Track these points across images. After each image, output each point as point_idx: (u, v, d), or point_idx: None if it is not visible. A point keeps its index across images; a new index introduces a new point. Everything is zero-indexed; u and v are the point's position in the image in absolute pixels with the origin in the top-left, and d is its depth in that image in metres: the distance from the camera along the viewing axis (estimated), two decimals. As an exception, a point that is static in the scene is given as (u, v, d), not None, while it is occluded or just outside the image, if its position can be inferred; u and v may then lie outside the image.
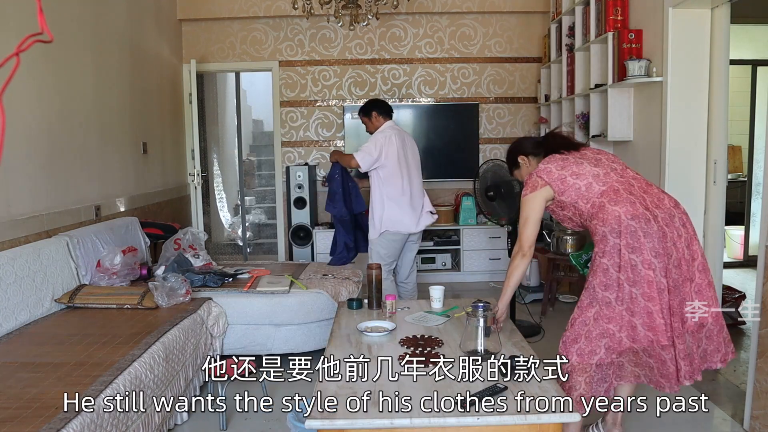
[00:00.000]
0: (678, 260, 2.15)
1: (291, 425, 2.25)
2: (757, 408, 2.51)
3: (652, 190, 2.25)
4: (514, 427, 1.71)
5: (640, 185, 2.24)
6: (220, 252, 6.83)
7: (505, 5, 5.53)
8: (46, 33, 0.86)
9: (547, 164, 2.32)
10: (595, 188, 2.21)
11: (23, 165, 3.09)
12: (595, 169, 2.25)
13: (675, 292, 2.14)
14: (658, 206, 2.18)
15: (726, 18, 3.20)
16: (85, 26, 3.79)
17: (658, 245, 2.10)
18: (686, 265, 2.17)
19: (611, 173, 2.24)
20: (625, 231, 2.10)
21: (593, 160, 2.30)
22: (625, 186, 2.20)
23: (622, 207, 2.13)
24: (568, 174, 2.26)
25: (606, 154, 2.38)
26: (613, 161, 2.33)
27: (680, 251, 2.15)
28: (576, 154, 2.34)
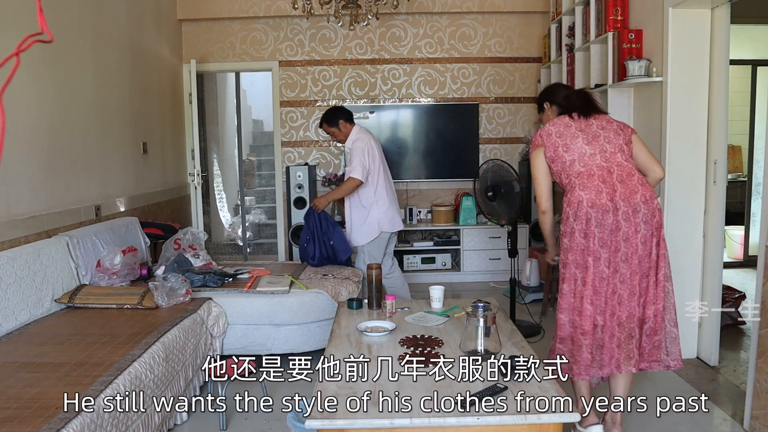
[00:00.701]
0: (628, 255, 2.25)
1: (291, 425, 2.25)
2: (757, 408, 2.51)
3: (630, 180, 2.30)
4: (514, 427, 1.71)
5: (620, 174, 2.31)
6: (220, 252, 6.83)
7: (505, 5, 5.53)
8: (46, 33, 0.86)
9: (551, 126, 2.44)
10: (576, 167, 2.35)
11: (23, 165, 3.09)
12: (584, 147, 2.35)
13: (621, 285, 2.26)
14: (626, 199, 2.25)
15: (726, 18, 3.20)
16: (85, 26, 3.79)
17: (607, 237, 2.24)
18: (638, 261, 2.26)
19: (598, 155, 2.34)
20: (582, 216, 2.27)
21: (591, 135, 2.38)
22: (603, 172, 2.30)
23: (587, 194, 2.27)
24: (561, 144, 2.39)
25: (609, 129, 2.41)
26: (609, 141, 2.37)
27: (633, 246, 2.25)
28: (583, 123, 2.42)
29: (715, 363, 3.35)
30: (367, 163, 3.80)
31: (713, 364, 3.34)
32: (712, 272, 3.37)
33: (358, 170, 3.76)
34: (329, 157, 5.82)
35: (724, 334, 3.53)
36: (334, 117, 3.92)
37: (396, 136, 5.71)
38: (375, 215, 3.91)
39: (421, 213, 5.74)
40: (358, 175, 3.75)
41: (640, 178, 2.33)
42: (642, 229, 2.25)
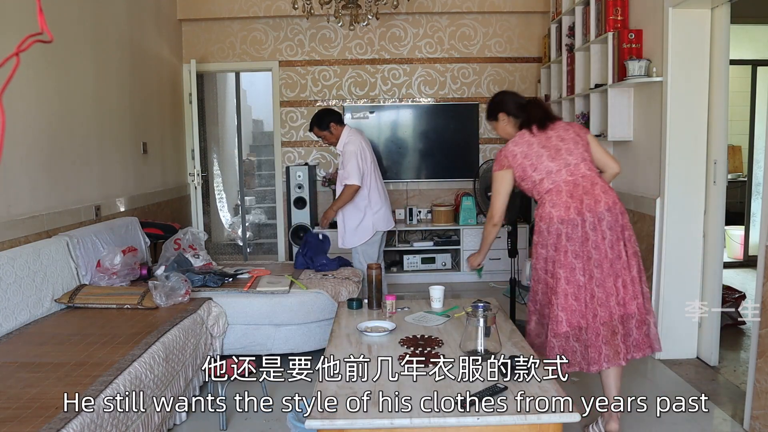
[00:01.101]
0: (599, 261, 2.40)
1: (291, 425, 2.25)
2: (757, 408, 2.51)
3: (594, 190, 2.45)
4: (514, 427, 1.71)
5: (585, 185, 2.46)
6: (220, 252, 6.83)
7: (505, 5, 5.53)
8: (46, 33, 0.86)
9: (515, 147, 2.58)
10: (545, 185, 2.51)
11: (23, 165, 3.09)
12: (550, 165, 2.50)
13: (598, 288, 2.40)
14: (591, 209, 2.42)
15: (726, 18, 3.20)
16: (85, 26, 3.78)
17: (579, 248, 2.41)
18: (609, 264, 2.40)
19: (563, 170, 2.49)
20: (554, 231, 2.45)
21: (553, 150, 2.52)
22: (569, 187, 2.47)
23: (557, 210, 2.44)
24: (528, 164, 2.54)
25: (568, 138, 2.55)
26: (570, 152, 2.52)
27: (602, 252, 2.40)
28: (542, 138, 2.55)
29: (715, 363, 3.35)
30: (362, 166, 3.84)
31: (713, 364, 3.34)
32: (712, 272, 3.37)
33: (355, 175, 3.79)
34: (329, 157, 5.81)
35: (724, 334, 3.53)
36: (323, 120, 3.90)
37: (396, 136, 5.71)
38: (369, 217, 3.95)
39: (421, 213, 5.74)
40: (355, 180, 3.79)
41: (602, 186, 2.48)
42: (608, 235, 2.40)
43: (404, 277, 5.46)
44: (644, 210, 3.59)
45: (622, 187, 3.97)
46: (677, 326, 3.41)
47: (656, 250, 3.44)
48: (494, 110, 2.75)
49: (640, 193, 3.66)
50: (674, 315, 3.37)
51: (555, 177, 2.49)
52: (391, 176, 5.71)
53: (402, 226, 5.56)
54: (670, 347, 3.45)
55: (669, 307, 3.40)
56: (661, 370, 3.33)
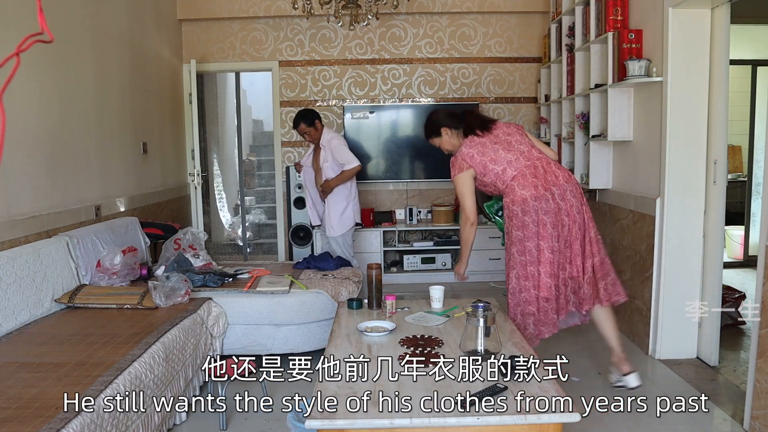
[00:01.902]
0: (570, 225, 2.77)
1: (291, 425, 2.25)
2: (757, 408, 2.51)
3: (550, 168, 2.82)
4: (514, 427, 1.71)
5: (542, 164, 2.82)
6: (220, 252, 6.83)
7: (505, 5, 5.53)
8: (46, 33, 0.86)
9: (470, 149, 2.88)
10: (508, 173, 2.82)
11: (23, 165, 3.09)
12: (508, 155, 2.84)
13: (564, 252, 2.77)
14: (555, 183, 2.77)
15: (726, 18, 3.20)
16: (85, 26, 3.78)
17: (555, 219, 2.74)
18: (577, 227, 2.78)
19: (520, 157, 2.83)
20: (531, 210, 2.75)
21: (505, 144, 2.87)
22: (531, 170, 2.80)
23: (528, 191, 2.76)
24: (487, 160, 2.85)
25: (513, 132, 2.92)
26: (520, 142, 2.88)
27: (572, 217, 2.77)
28: (491, 137, 2.89)
29: (715, 363, 3.35)
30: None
31: (713, 364, 3.34)
32: (712, 272, 3.37)
33: (355, 159, 4.28)
34: (329, 157, 5.81)
35: (724, 334, 3.53)
36: (311, 117, 4.30)
37: (396, 136, 5.71)
38: (351, 207, 4.40)
39: (421, 213, 5.74)
40: (357, 162, 4.29)
41: (555, 162, 2.87)
42: (574, 202, 2.78)
43: (404, 277, 5.46)
44: (644, 210, 3.59)
45: (623, 187, 3.97)
46: (677, 326, 3.41)
47: (656, 250, 3.44)
48: (435, 128, 3.00)
49: (640, 193, 3.66)
50: (674, 315, 3.37)
51: (516, 164, 2.81)
52: (391, 176, 5.71)
53: (402, 226, 5.57)
54: (670, 347, 3.45)
55: (669, 307, 3.40)
56: (661, 370, 3.33)
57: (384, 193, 5.87)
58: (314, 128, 4.30)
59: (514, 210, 2.78)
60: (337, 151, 4.27)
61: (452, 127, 2.97)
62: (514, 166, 2.80)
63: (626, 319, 3.88)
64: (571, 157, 4.66)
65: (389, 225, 5.53)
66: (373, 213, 5.56)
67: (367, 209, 5.54)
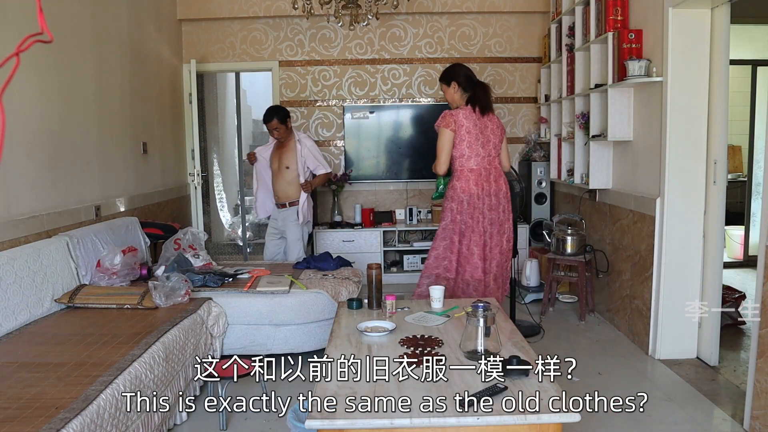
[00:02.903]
0: (500, 222, 3.31)
1: (291, 425, 2.25)
2: (757, 408, 2.51)
3: (498, 178, 3.31)
4: (514, 427, 1.71)
5: (494, 173, 3.30)
6: (220, 252, 6.83)
7: (505, 5, 5.53)
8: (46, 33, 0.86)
9: (464, 119, 3.23)
10: (470, 163, 3.25)
11: (23, 165, 3.09)
12: (480, 150, 3.25)
13: (489, 244, 3.30)
14: (495, 190, 3.29)
15: (726, 18, 3.20)
16: (85, 26, 3.79)
17: (487, 212, 3.27)
18: (498, 232, 3.32)
19: (486, 158, 3.27)
20: (472, 204, 3.24)
21: (485, 139, 3.26)
22: (485, 173, 3.27)
23: (477, 188, 3.25)
24: (466, 141, 3.23)
25: (496, 134, 3.32)
26: (495, 146, 3.32)
27: (504, 214, 3.33)
28: (481, 123, 3.26)
29: (715, 363, 3.35)
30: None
31: (713, 364, 3.34)
32: (712, 272, 3.37)
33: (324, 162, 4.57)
34: (329, 157, 5.81)
35: (724, 334, 3.53)
36: (284, 114, 4.39)
37: (396, 136, 5.71)
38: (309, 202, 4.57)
39: (421, 213, 5.74)
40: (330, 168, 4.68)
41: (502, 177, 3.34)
42: (503, 206, 3.31)
43: (404, 277, 5.46)
44: (644, 210, 3.59)
45: (623, 187, 3.97)
46: (677, 326, 3.41)
47: (656, 250, 3.44)
48: (448, 77, 3.36)
49: (640, 193, 3.66)
50: (674, 315, 3.37)
51: (480, 161, 3.25)
52: (391, 176, 5.71)
53: (402, 226, 5.56)
54: (670, 347, 3.45)
55: (669, 307, 3.40)
56: (661, 370, 3.33)
57: (384, 193, 5.87)
58: (285, 126, 4.38)
59: (462, 196, 3.25)
60: (315, 152, 4.49)
61: (462, 87, 3.32)
62: (476, 162, 3.24)
63: (626, 319, 3.88)
64: (571, 157, 4.66)
65: (389, 225, 5.53)
66: (373, 213, 5.56)
67: (367, 209, 5.55)
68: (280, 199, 4.53)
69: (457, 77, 3.33)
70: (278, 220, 4.58)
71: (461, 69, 3.37)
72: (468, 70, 3.38)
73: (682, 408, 2.85)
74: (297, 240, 4.52)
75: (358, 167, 5.69)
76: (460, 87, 3.32)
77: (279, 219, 4.57)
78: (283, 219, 4.55)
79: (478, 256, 3.26)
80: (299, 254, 4.50)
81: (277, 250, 4.64)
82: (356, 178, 5.69)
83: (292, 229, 4.52)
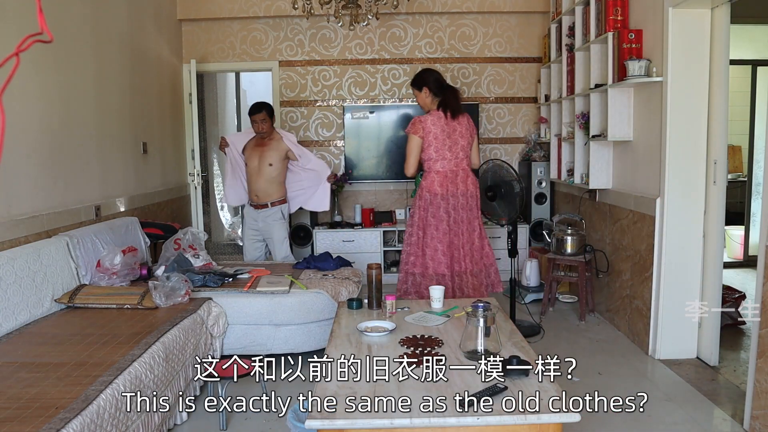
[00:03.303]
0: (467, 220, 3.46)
1: (291, 425, 2.25)
2: (757, 408, 2.51)
3: (465, 180, 3.47)
4: (514, 427, 1.71)
5: (461, 175, 3.46)
6: (220, 252, 6.83)
7: (505, 5, 5.53)
8: (45, 33, 0.86)
9: (432, 126, 3.41)
10: (437, 165, 3.44)
11: (23, 165, 3.09)
12: (447, 153, 3.42)
13: (455, 246, 3.45)
14: (463, 191, 3.45)
15: (726, 18, 3.20)
16: (85, 26, 3.78)
17: (452, 211, 3.43)
18: (467, 230, 3.47)
19: (453, 160, 3.44)
20: (436, 203, 3.42)
21: (452, 142, 3.43)
22: (451, 174, 3.44)
23: (442, 188, 3.42)
24: (434, 145, 3.41)
25: (465, 136, 3.47)
26: (464, 148, 3.47)
27: (471, 213, 3.49)
28: (450, 126, 3.42)
29: (715, 363, 3.35)
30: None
31: (713, 364, 3.34)
32: (712, 272, 3.37)
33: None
34: (329, 157, 5.82)
35: (724, 334, 3.53)
36: (271, 109, 4.41)
37: (396, 136, 5.70)
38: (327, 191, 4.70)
39: (421, 213, 5.73)
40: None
41: (470, 178, 3.50)
42: (470, 205, 3.48)
43: (404, 277, 5.46)
44: (644, 210, 3.59)
45: (623, 187, 3.97)
46: (677, 326, 3.41)
47: (656, 250, 3.44)
48: (420, 83, 3.49)
49: (640, 193, 3.66)
50: (674, 315, 3.37)
51: (446, 163, 3.43)
52: (391, 176, 5.71)
53: (402, 226, 5.56)
54: (670, 347, 3.45)
55: (669, 307, 3.40)
56: (661, 370, 3.33)
57: (384, 193, 5.87)
58: (271, 121, 4.39)
59: (427, 196, 3.44)
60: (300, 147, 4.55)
61: (432, 92, 3.47)
62: (442, 164, 3.44)
63: (626, 319, 3.88)
64: (571, 157, 4.66)
65: (389, 225, 5.52)
66: (373, 213, 5.56)
67: (367, 209, 5.54)
68: (261, 198, 4.38)
69: (427, 82, 3.46)
70: (258, 221, 4.44)
71: (432, 74, 3.50)
72: (438, 74, 3.52)
73: (682, 408, 2.85)
74: (284, 239, 4.47)
75: (358, 167, 5.69)
76: (431, 92, 3.45)
77: (259, 220, 4.43)
78: (265, 219, 4.42)
79: (441, 252, 3.40)
80: (286, 253, 4.45)
81: (259, 253, 4.54)
82: (356, 178, 5.69)
83: (278, 228, 4.43)
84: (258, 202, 4.42)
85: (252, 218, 4.48)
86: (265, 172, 4.38)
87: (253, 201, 4.45)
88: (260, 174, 4.38)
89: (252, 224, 4.49)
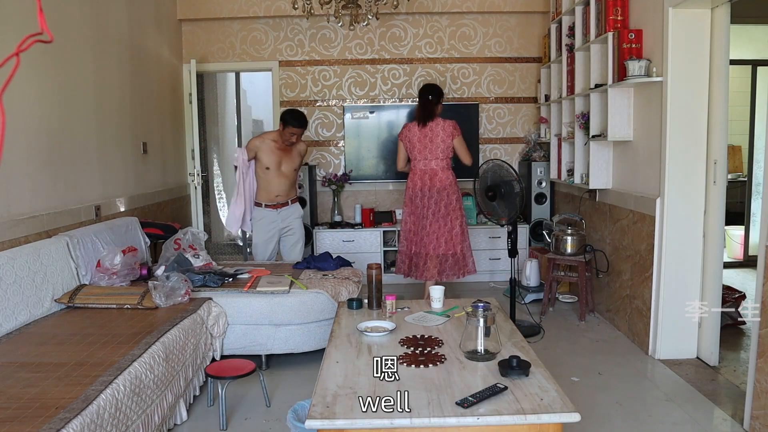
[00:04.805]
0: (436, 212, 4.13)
1: (291, 425, 2.25)
2: (757, 408, 2.51)
3: (435, 177, 4.14)
4: (514, 427, 1.71)
5: (431, 173, 4.14)
6: (220, 252, 6.83)
7: (505, 5, 5.53)
8: (45, 33, 0.86)
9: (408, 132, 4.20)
10: (420, 165, 4.15)
11: (23, 165, 3.09)
12: (425, 155, 4.13)
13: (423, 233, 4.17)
14: (434, 185, 4.13)
15: (726, 18, 3.20)
16: (86, 26, 3.79)
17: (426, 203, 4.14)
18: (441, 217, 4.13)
19: (423, 161, 4.15)
20: (413, 194, 4.19)
21: (424, 146, 4.13)
22: (422, 173, 4.16)
23: (419, 182, 4.15)
24: (409, 148, 4.18)
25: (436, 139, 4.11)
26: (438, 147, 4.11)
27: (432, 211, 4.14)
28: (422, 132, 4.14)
29: (715, 363, 3.35)
30: None
31: (713, 364, 3.34)
32: (712, 272, 3.37)
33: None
34: (329, 157, 5.82)
35: (724, 334, 3.53)
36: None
37: (396, 136, 5.70)
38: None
39: (421, 213, 5.73)
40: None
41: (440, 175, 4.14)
42: (443, 199, 4.12)
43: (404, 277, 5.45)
44: (644, 210, 3.59)
45: (622, 187, 3.97)
46: (677, 326, 3.41)
47: (656, 250, 3.44)
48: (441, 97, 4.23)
49: (640, 193, 3.66)
50: (674, 315, 3.37)
51: (419, 164, 4.16)
52: (391, 176, 5.71)
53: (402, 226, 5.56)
54: (670, 347, 3.45)
55: (669, 307, 3.40)
56: (661, 370, 3.33)
57: (384, 193, 5.87)
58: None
59: (409, 189, 4.22)
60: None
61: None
62: (417, 165, 4.17)
63: (626, 319, 3.88)
64: (571, 157, 4.66)
65: (389, 225, 5.52)
66: (373, 213, 5.56)
67: (367, 209, 5.54)
68: (281, 197, 4.37)
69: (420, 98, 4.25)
70: (278, 221, 4.41)
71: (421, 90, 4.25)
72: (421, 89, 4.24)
73: (682, 408, 2.85)
74: (303, 236, 4.54)
75: (358, 167, 5.69)
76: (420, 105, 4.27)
77: (279, 219, 4.41)
78: (286, 217, 4.40)
79: (413, 232, 4.22)
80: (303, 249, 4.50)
81: (273, 254, 4.49)
82: (356, 178, 5.69)
83: (299, 224, 4.49)
84: (278, 201, 4.38)
85: (269, 220, 4.40)
86: (288, 175, 4.35)
87: (272, 201, 4.38)
88: (282, 176, 4.32)
89: (268, 226, 4.40)
